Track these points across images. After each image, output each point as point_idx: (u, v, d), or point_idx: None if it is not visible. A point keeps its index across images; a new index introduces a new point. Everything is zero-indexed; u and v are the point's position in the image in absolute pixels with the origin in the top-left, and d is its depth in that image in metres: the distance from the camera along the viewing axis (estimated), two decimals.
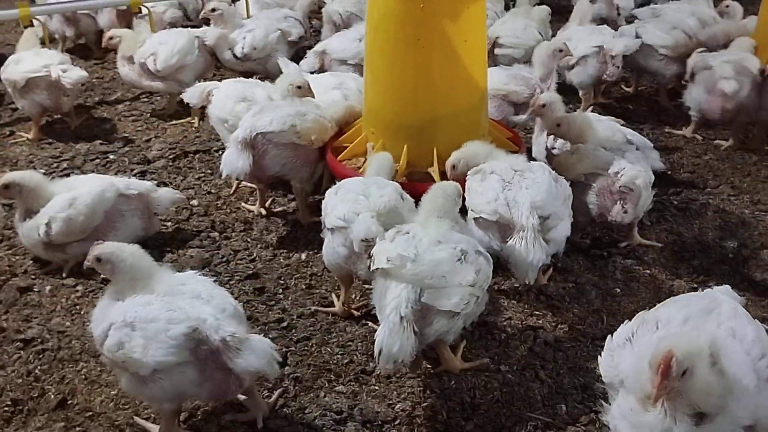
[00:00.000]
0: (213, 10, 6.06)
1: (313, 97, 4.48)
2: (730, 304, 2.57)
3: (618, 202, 3.84)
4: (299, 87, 4.43)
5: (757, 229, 4.29)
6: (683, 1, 6.75)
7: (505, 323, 3.58)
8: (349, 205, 3.27)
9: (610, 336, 2.65)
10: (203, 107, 4.93)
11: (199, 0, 7.68)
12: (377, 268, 2.94)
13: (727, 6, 6.36)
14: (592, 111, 4.53)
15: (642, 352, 2.40)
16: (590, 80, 5.64)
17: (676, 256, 4.07)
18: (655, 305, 2.72)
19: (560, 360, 3.32)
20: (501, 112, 4.99)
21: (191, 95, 4.91)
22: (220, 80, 5.02)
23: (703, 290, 2.80)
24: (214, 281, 3.78)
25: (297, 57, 6.29)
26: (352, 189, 3.38)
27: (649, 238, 4.15)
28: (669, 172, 4.91)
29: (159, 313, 2.66)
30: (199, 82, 5.70)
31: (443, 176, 4.01)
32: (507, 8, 7.41)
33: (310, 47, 6.44)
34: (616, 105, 6.06)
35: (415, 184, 4.02)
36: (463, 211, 3.42)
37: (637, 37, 5.76)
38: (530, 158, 4.24)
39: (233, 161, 4.02)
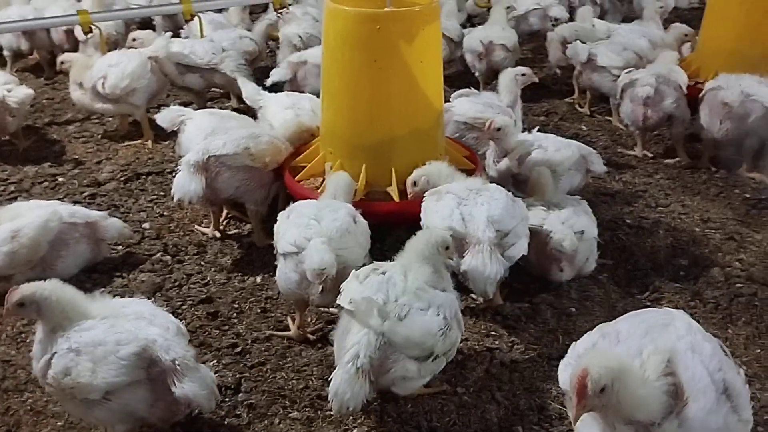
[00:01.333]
0: (134, 39, 6.13)
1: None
2: (685, 320, 2.60)
3: (554, 263, 3.84)
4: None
5: (708, 247, 4.37)
6: (634, 22, 6.95)
7: (461, 344, 3.53)
8: (301, 229, 3.24)
9: (574, 344, 2.67)
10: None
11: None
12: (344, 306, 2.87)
13: (672, 27, 6.52)
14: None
15: None
16: None
17: (630, 274, 4.11)
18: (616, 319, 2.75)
19: (516, 381, 3.32)
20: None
21: (164, 118, 4.85)
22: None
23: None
24: (166, 307, 3.79)
25: (253, 77, 6.24)
26: (304, 213, 3.36)
27: (603, 257, 4.19)
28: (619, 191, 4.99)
29: (105, 336, 2.61)
30: (153, 102, 5.67)
31: (402, 195, 4.01)
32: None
33: (267, 68, 6.43)
34: (569, 125, 6.14)
35: (373, 203, 4.02)
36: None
37: (590, 56, 5.87)
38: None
39: (185, 185, 3.94)
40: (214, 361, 3.41)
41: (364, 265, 3.42)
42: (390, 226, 4.33)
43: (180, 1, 6.74)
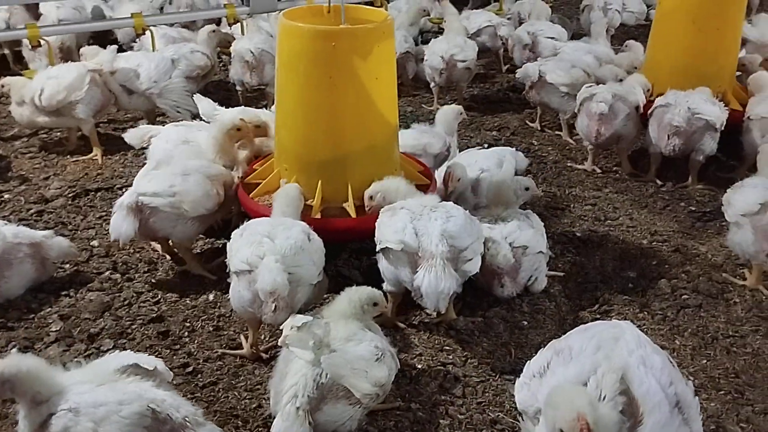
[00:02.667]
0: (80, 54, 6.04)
1: (251, 136, 4.40)
2: (634, 333, 2.64)
3: (495, 277, 3.89)
4: (238, 129, 4.31)
5: (655, 259, 4.47)
6: (582, 39, 7.11)
7: (415, 359, 3.57)
8: (254, 247, 3.22)
9: (528, 362, 2.69)
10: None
11: None
12: (285, 341, 2.86)
13: (626, 45, 6.70)
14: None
15: (557, 383, 2.45)
16: None
17: (580, 287, 4.18)
18: (560, 336, 2.78)
19: (469, 396, 3.34)
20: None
21: (132, 137, 4.80)
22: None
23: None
24: (116, 326, 3.73)
25: (204, 92, 6.19)
26: (258, 230, 3.33)
27: (554, 269, 4.24)
28: (571, 205, 5.08)
29: (106, 397, 2.53)
30: (100, 115, 5.58)
31: (359, 210, 4.01)
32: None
33: (221, 81, 6.38)
34: (521, 139, 6.24)
35: (330, 220, 4.01)
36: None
37: (541, 75, 5.98)
38: None
39: (117, 226, 3.88)
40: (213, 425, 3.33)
41: (318, 282, 3.44)
42: (347, 242, 4.34)
43: (131, 15, 6.65)
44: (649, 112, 5.34)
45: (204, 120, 5.15)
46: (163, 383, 2.76)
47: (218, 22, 7.64)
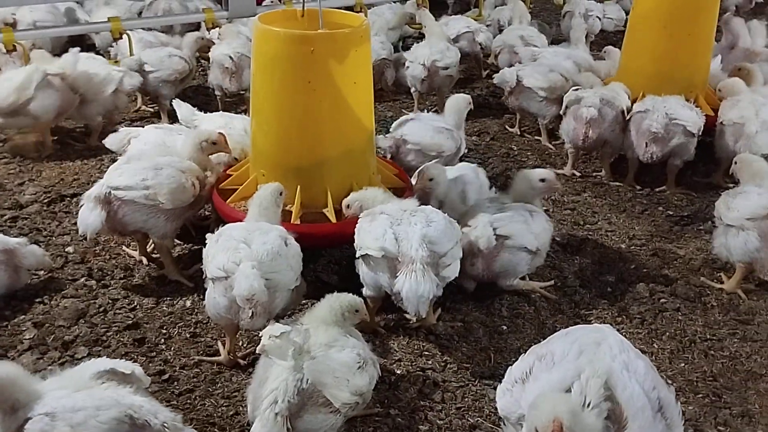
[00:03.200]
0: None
1: (229, 152, 4.36)
2: (617, 338, 2.64)
3: (471, 256, 3.89)
4: (214, 143, 4.25)
5: (633, 263, 4.49)
6: (561, 45, 7.15)
7: (394, 365, 3.55)
8: (230, 253, 3.18)
9: (510, 368, 2.67)
10: None
11: None
12: (263, 349, 2.81)
13: (605, 51, 6.74)
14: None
15: (541, 389, 2.44)
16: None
17: (559, 291, 4.18)
18: (540, 341, 2.77)
19: (449, 401, 3.33)
20: None
21: (112, 142, 4.77)
22: None
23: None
24: (91, 333, 3.67)
25: (183, 96, 6.15)
26: (234, 236, 3.29)
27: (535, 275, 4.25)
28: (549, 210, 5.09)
29: (84, 402, 2.47)
30: (60, 118, 5.61)
31: (339, 215, 4.00)
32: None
33: (200, 86, 6.33)
34: (500, 144, 6.25)
35: (309, 225, 3.99)
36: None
37: (519, 80, 6.00)
38: None
39: (85, 218, 3.82)
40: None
41: (296, 287, 3.41)
42: (328, 247, 4.32)
43: (108, 20, 6.59)
44: (627, 117, 5.37)
45: (183, 125, 5.12)
46: (141, 389, 2.72)
47: (197, 26, 7.61)
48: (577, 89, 5.55)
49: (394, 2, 8.46)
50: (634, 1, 6.02)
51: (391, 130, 5.17)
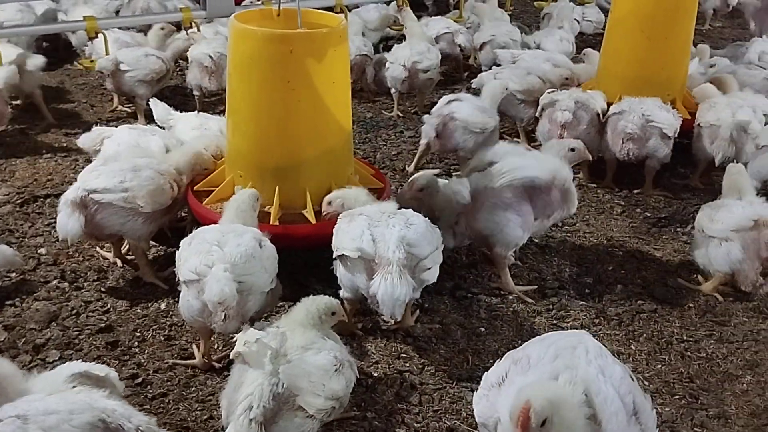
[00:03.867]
0: None
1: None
2: (594, 343, 2.63)
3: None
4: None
5: (611, 265, 4.49)
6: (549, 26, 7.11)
7: (371, 368, 3.52)
8: (202, 256, 3.13)
9: (486, 373, 2.65)
10: None
11: None
12: (237, 354, 2.78)
13: (584, 54, 6.76)
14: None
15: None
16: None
17: (538, 293, 4.17)
18: (518, 342, 2.76)
19: (426, 404, 3.30)
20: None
21: (85, 141, 4.69)
22: None
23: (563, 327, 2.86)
24: (63, 337, 3.61)
25: (160, 96, 6.08)
26: (207, 239, 3.24)
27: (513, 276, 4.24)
28: None
29: (57, 406, 2.40)
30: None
31: (318, 216, 3.97)
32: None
33: (177, 87, 6.26)
34: None
35: (289, 226, 3.95)
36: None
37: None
38: None
39: (63, 224, 3.74)
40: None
41: (271, 290, 3.37)
42: (308, 248, 4.28)
43: (84, 18, 6.50)
44: (604, 119, 5.38)
45: (158, 125, 5.07)
46: (114, 392, 2.67)
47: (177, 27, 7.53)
48: (552, 91, 5.56)
49: (377, 3, 8.44)
50: (613, 5, 6.04)
51: (433, 111, 5.44)
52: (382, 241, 3.39)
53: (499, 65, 6.68)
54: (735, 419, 3.30)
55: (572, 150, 4.09)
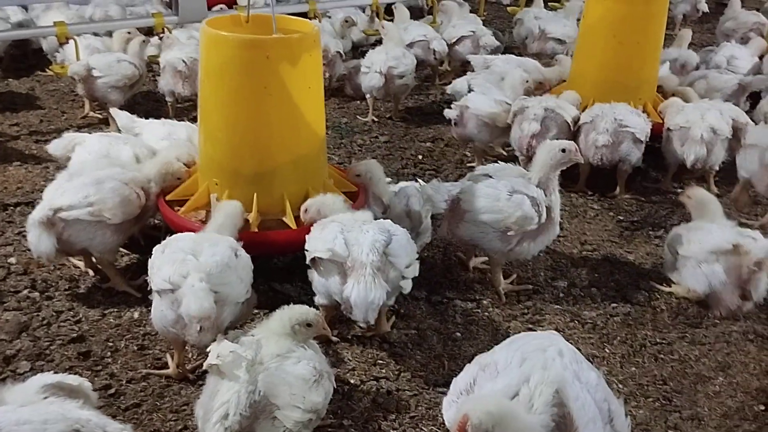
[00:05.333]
0: None
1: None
2: (564, 345, 2.63)
3: None
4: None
5: (585, 268, 4.53)
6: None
7: (348, 374, 3.51)
8: (176, 265, 3.09)
9: (455, 379, 2.65)
10: None
11: None
12: (211, 366, 2.74)
13: (556, 59, 6.82)
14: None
15: None
16: None
17: (512, 297, 4.19)
18: (494, 347, 2.76)
19: (403, 410, 3.30)
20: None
21: (56, 147, 4.61)
22: None
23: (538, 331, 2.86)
24: (33, 347, 3.55)
25: (133, 102, 6.04)
26: (181, 247, 3.20)
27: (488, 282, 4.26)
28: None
29: (30, 416, 2.35)
30: None
31: (297, 221, 3.97)
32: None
33: (150, 92, 6.20)
34: (454, 151, 6.26)
35: (269, 233, 3.94)
36: None
37: (470, 88, 6.03)
38: None
39: (36, 245, 3.69)
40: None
41: (246, 300, 3.34)
42: (288, 254, 4.27)
43: (54, 24, 6.43)
44: (575, 128, 5.43)
45: (124, 133, 5.02)
46: (88, 403, 2.63)
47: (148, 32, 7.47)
48: (524, 98, 5.60)
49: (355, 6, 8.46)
50: (585, 10, 6.11)
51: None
52: (356, 245, 3.39)
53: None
54: (708, 420, 3.34)
55: (563, 151, 4.08)
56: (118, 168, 4.02)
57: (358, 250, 3.37)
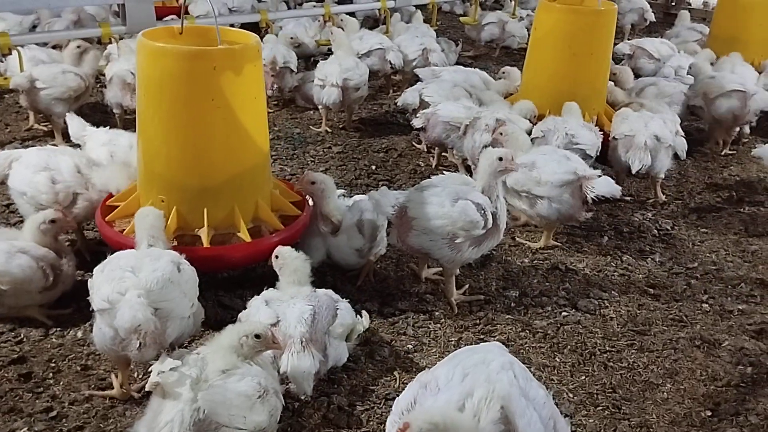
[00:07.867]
0: None
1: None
2: (507, 358, 2.61)
3: None
4: (53, 221, 3.87)
5: (536, 278, 4.56)
6: None
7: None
8: (115, 283, 3.01)
9: (396, 399, 2.62)
10: None
11: None
12: (154, 385, 2.67)
13: (503, 72, 6.88)
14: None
15: None
16: None
17: (465, 308, 4.19)
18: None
19: (354, 425, 3.26)
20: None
21: None
22: None
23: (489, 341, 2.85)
24: None
25: (79, 114, 5.87)
26: (121, 265, 3.12)
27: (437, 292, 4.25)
28: None
29: None
30: None
31: (253, 234, 3.97)
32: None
33: (97, 103, 6.06)
34: (408, 161, 6.26)
35: (223, 248, 3.91)
36: None
37: (421, 99, 6.06)
38: None
39: None
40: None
41: (192, 314, 3.27)
42: (244, 266, 4.22)
43: None
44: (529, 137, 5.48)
45: (74, 140, 4.91)
46: None
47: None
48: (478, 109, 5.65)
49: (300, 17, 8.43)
50: (535, 21, 6.18)
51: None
52: (284, 320, 3.27)
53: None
54: (656, 428, 3.37)
55: (500, 159, 4.08)
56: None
57: (286, 323, 3.25)
